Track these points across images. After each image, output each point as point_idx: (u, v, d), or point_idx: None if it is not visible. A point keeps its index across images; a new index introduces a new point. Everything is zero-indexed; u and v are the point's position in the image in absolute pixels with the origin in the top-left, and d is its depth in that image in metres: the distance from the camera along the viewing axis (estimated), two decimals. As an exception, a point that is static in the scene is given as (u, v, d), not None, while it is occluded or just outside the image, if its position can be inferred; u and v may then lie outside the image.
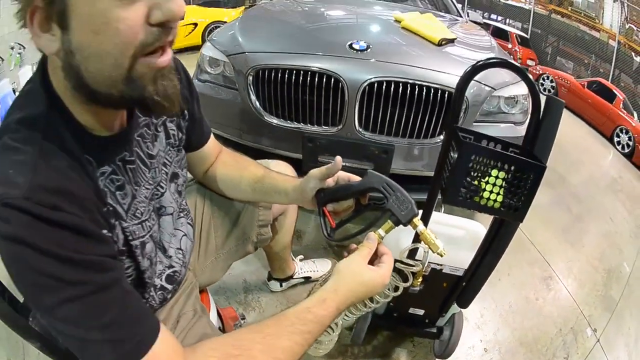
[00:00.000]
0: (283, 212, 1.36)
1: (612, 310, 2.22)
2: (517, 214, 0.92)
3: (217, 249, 1.20)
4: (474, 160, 0.87)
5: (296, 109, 1.95)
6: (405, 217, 0.80)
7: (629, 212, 3.61)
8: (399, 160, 1.99)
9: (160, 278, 0.86)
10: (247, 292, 1.87)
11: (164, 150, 0.85)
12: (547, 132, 0.94)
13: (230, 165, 1.10)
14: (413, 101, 1.87)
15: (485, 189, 0.89)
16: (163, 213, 0.86)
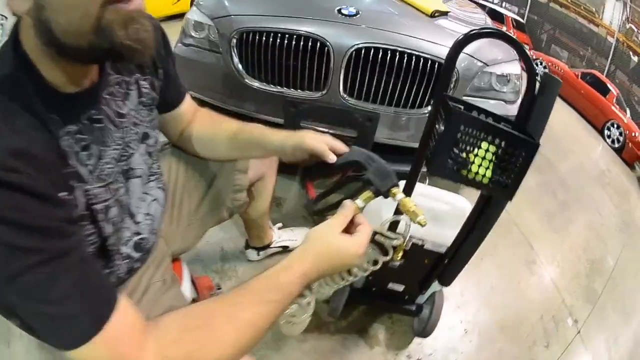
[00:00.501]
0: (260, 177, 1.31)
1: (594, 303, 2.24)
2: (506, 191, 0.88)
3: (190, 215, 1.16)
4: (463, 131, 0.82)
5: (279, 73, 1.90)
6: (383, 186, 0.78)
7: (616, 206, 3.64)
8: (383, 129, 1.95)
9: (127, 245, 0.82)
10: (224, 260, 1.82)
11: (135, 109, 0.80)
12: (542, 109, 0.89)
13: (205, 123, 1.06)
14: (401, 70, 1.83)
15: (473, 162, 0.84)
16: (131, 175, 0.82)
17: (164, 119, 0.99)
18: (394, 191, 0.79)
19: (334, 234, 0.71)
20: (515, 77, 2.05)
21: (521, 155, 0.83)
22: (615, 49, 9.93)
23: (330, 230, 0.71)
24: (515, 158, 0.83)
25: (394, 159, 2.06)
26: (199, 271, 1.75)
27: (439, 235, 1.18)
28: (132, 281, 0.89)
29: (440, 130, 0.84)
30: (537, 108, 0.89)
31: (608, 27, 10.39)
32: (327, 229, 0.71)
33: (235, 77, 1.95)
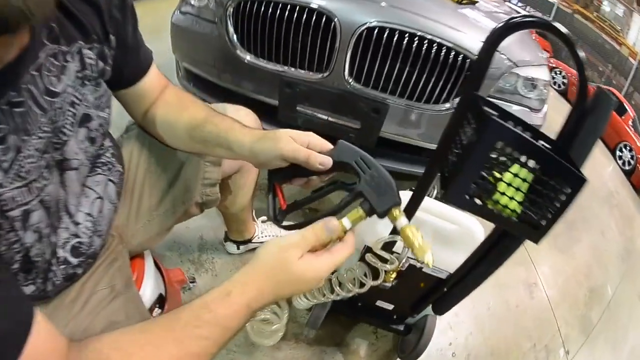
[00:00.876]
0: (238, 169, 1.15)
1: (588, 334, 2.16)
2: (537, 233, 0.69)
3: (151, 210, 1.01)
4: (499, 149, 0.62)
5: (277, 48, 1.69)
6: (382, 204, 0.61)
7: (621, 232, 3.54)
8: (391, 124, 1.75)
9: (64, 248, 0.71)
10: (202, 250, 1.70)
11: (73, 86, 0.65)
12: (591, 130, 0.71)
13: (171, 104, 0.88)
14: (418, 58, 1.61)
15: (503, 192, 0.65)
16: (66, 167, 0.68)
17: (124, 96, 0.84)
18: (395, 213, 0.61)
19: (293, 257, 0.56)
20: (542, 84, 1.86)
21: (563, 190, 0.64)
22: (637, 71, 9.76)
23: (290, 251, 0.57)
24: (555, 192, 0.64)
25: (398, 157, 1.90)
26: (173, 260, 1.63)
27: (441, 259, 1.03)
28: (74, 289, 0.77)
29: (468, 139, 0.66)
30: (587, 127, 0.71)
31: (631, 48, 10.24)
32: (287, 249, 0.57)
33: (230, 50, 1.76)
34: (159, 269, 1.25)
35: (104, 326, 0.73)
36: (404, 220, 0.60)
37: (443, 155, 0.76)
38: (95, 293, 0.78)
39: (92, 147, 0.73)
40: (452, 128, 0.73)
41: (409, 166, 1.84)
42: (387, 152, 1.78)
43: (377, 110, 1.66)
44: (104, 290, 0.79)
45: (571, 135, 0.72)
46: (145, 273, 1.04)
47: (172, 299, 1.26)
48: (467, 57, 1.59)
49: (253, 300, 0.55)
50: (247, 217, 1.49)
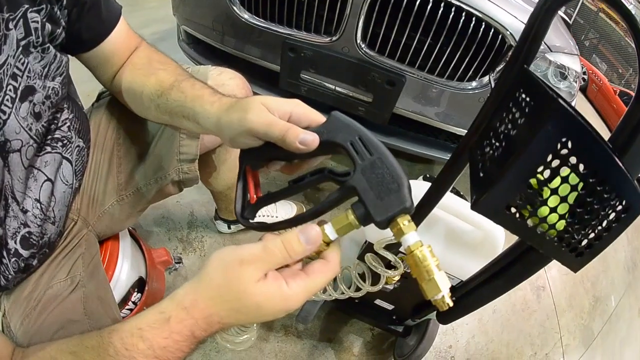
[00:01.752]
0: (221, 142, 1.01)
1: (588, 346, 2.10)
2: (578, 260, 0.55)
3: (119, 189, 0.90)
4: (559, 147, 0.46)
5: (281, 6, 1.51)
6: (383, 210, 0.44)
7: (629, 241, 3.45)
8: (406, 99, 1.57)
9: (14, 239, 0.64)
10: (191, 227, 1.61)
11: (14, 56, 0.57)
12: None
13: (138, 68, 0.76)
14: (443, 27, 1.40)
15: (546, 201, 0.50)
16: (9, 149, 0.60)
17: (88, 61, 0.75)
18: (402, 224, 0.43)
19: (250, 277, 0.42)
20: (573, 75, 1.69)
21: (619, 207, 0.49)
22: None
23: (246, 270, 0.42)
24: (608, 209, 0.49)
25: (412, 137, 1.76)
26: (161, 238, 1.53)
27: (453, 264, 0.91)
28: (31, 282, 0.72)
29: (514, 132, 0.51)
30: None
31: None
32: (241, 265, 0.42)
33: (229, 10, 1.59)
34: (141, 249, 1.15)
35: (58, 326, 0.66)
36: (412, 236, 0.43)
37: (477, 144, 0.61)
38: (51, 287, 0.71)
39: (38, 123, 0.63)
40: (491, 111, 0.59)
41: (423, 148, 1.71)
42: (399, 131, 1.64)
43: (393, 82, 1.48)
44: (61, 283, 0.72)
45: (629, 139, 0.53)
46: (120, 255, 0.94)
47: (154, 282, 1.17)
48: (499, 31, 1.41)
49: (198, 329, 0.43)
50: None
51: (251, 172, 0.57)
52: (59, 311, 0.68)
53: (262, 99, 0.54)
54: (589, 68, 8.03)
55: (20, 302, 0.68)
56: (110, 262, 0.92)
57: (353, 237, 1.05)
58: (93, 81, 0.81)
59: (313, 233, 0.44)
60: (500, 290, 0.82)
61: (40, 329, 0.65)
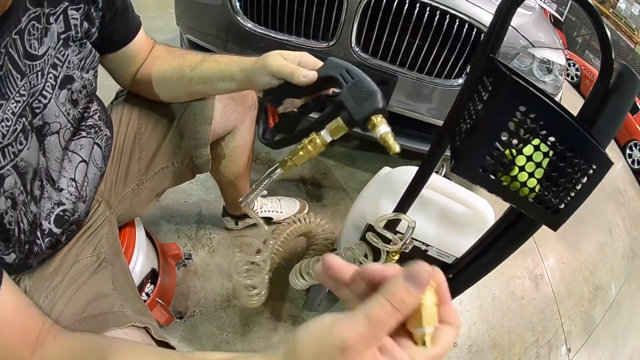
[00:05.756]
0: (231, 129, 1.11)
1: (590, 333, 2.13)
2: (555, 218, 0.63)
3: (140, 174, 0.98)
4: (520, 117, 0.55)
5: (281, 16, 1.62)
6: (360, 111, 0.59)
7: (627, 231, 3.50)
8: (400, 97, 1.69)
9: (49, 220, 0.70)
10: (199, 225, 1.67)
11: (55, 48, 0.65)
12: (616, 109, 0.63)
13: (162, 57, 0.89)
14: (430, 29, 1.53)
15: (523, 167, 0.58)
16: (47, 132, 0.67)
17: (112, 60, 0.84)
18: (375, 120, 0.58)
19: None
20: (558, 69, 1.79)
21: (589, 170, 0.57)
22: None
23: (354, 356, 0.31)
24: (578, 172, 0.58)
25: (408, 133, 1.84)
26: (170, 235, 1.60)
27: (448, 242, 0.97)
28: (56, 259, 0.76)
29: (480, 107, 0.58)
30: (611, 106, 0.63)
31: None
32: (352, 357, 0.30)
33: (233, 19, 1.69)
34: (153, 243, 1.21)
35: (89, 299, 0.70)
36: (384, 127, 0.57)
37: (455, 124, 0.69)
38: (78, 262, 0.76)
39: (75, 109, 0.71)
40: (465, 94, 0.67)
41: (418, 144, 1.79)
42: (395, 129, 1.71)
43: (385, 82, 1.60)
44: (88, 258, 0.77)
45: (594, 113, 0.64)
46: (136, 245, 1.00)
47: (166, 275, 1.22)
48: (481, 31, 1.52)
49: None
50: (243, 187, 1.42)
51: (270, 108, 0.73)
52: (89, 285, 0.73)
53: (278, 51, 0.71)
54: (581, 64, 8.06)
55: (44, 278, 0.73)
56: (127, 251, 0.98)
57: (355, 223, 1.11)
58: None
59: (422, 273, 0.32)
60: (493, 262, 0.88)
61: (69, 302, 0.69)
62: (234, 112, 1.06)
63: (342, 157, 2.25)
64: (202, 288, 1.44)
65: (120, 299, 0.73)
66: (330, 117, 0.62)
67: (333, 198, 1.99)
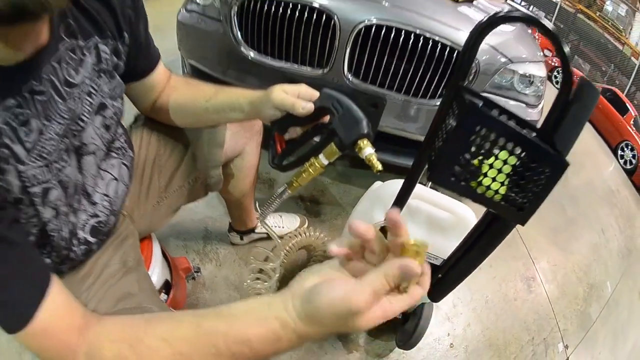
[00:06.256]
0: (240, 152, 1.21)
1: (587, 330, 2.18)
2: (521, 214, 0.74)
3: (160, 192, 1.08)
4: (479, 133, 0.67)
5: (279, 45, 1.76)
6: (348, 137, 0.70)
7: (621, 230, 3.56)
8: (390, 118, 1.82)
9: (84, 230, 0.78)
10: (206, 240, 1.75)
11: (90, 77, 0.72)
12: (575, 119, 0.73)
13: (181, 88, 0.98)
14: (415, 54, 1.67)
15: (486, 174, 0.69)
16: (84, 152, 0.74)
17: (134, 89, 0.91)
18: (361, 144, 0.69)
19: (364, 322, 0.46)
20: (539, 80, 1.91)
21: (546, 173, 0.68)
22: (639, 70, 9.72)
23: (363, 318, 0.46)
24: (538, 176, 0.69)
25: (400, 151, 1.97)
26: (179, 250, 1.68)
27: (435, 245, 1.07)
28: (88, 263, 0.84)
29: (452, 126, 0.70)
30: (570, 117, 0.72)
31: (634, 48, 10.21)
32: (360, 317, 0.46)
33: (234, 48, 1.82)
34: (165, 257, 1.30)
35: (118, 298, 0.79)
36: (369, 150, 0.69)
37: (431, 142, 0.80)
38: (108, 267, 0.84)
39: (108, 133, 0.79)
40: (439, 116, 0.78)
41: (404, 159, 1.89)
42: (387, 147, 1.83)
43: (376, 105, 1.71)
44: (117, 265, 0.85)
45: (556, 123, 0.75)
46: (153, 256, 1.09)
47: (178, 287, 1.30)
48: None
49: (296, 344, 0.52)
50: (249, 205, 1.53)
51: (277, 136, 0.83)
52: (118, 287, 0.82)
53: (280, 86, 0.80)
54: None
55: (75, 282, 0.81)
56: (146, 260, 1.07)
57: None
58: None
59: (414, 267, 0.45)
60: (476, 260, 0.97)
61: (100, 301, 0.77)
62: (242, 137, 1.17)
63: (337, 175, 2.33)
64: (211, 299, 1.52)
65: (146, 297, 0.82)
66: (325, 143, 0.73)
67: (330, 213, 2.08)
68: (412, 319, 1.38)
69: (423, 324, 1.32)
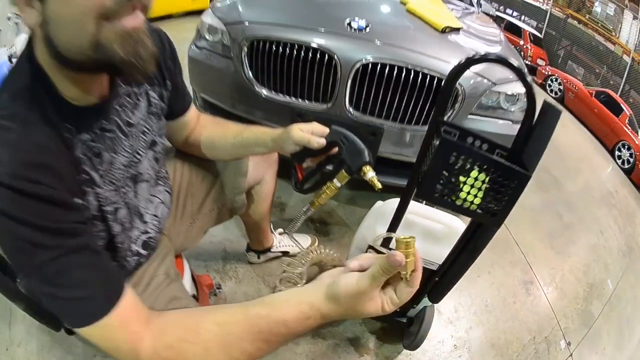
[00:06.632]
0: (260, 180, 1.37)
1: (590, 326, 2.23)
2: (495, 219, 0.89)
3: (193, 214, 1.23)
4: (454, 159, 0.84)
5: (287, 82, 1.93)
6: (354, 165, 0.88)
7: (621, 229, 3.59)
8: (388, 145, 1.97)
9: (136, 243, 0.90)
10: (225, 260, 1.89)
11: (143, 119, 0.87)
12: (539, 139, 0.89)
13: (210, 126, 1.13)
14: (407, 86, 1.83)
15: (462, 189, 0.86)
16: (139, 180, 0.88)
17: (170, 127, 1.04)
18: (365, 169, 0.87)
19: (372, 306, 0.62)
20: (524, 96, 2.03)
21: (512, 185, 0.84)
22: (631, 68, 9.66)
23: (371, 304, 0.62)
24: (505, 187, 0.84)
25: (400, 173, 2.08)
26: (200, 269, 1.80)
27: (431, 252, 1.22)
28: (137, 274, 0.96)
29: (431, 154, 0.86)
30: (535, 137, 0.89)
31: (624, 46, 10.11)
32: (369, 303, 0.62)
33: (246, 85, 1.98)
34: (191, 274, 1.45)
35: (168, 299, 0.91)
36: (371, 173, 0.87)
37: (419, 165, 0.96)
38: (155, 277, 0.97)
39: (157, 165, 0.95)
40: (425, 145, 0.94)
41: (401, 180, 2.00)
42: (387, 170, 1.96)
43: (374, 133, 1.83)
44: (161, 276, 0.99)
45: (523, 144, 0.91)
46: (184, 272, 1.23)
47: (202, 302, 1.44)
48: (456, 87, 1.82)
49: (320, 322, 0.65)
50: (266, 227, 1.69)
51: (297, 166, 0.99)
52: (167, 292, 0.93)
53: (297, 125, 0.94)
54: (563, 77, 8.19)
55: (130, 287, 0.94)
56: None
57: (358, 246, 1.37)
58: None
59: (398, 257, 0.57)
60: (466, 262, 1.13)
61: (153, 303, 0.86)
62: (262, 167, 1.34)
63: (343, 198, 2.45)
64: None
65: (190, 302, 0.96)
66: (337, 170, 0.90)
67: (338, 232, 2.20)
68: (416, 322, 1.50)
69: (425, 325, 1.44)
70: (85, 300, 0.62)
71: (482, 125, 1.97)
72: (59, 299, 0.61)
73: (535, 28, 11.63)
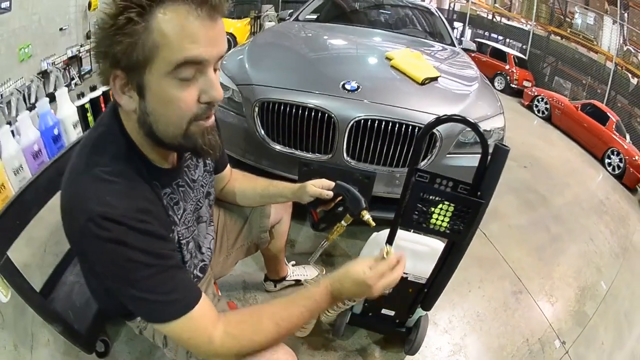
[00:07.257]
0: (279, 221, 1.62)
1: (584, 325, 2.34)
2: (460, 235, 1.16)
3: (229, 248, 1.50)
4: (425, 195, 1.12)
5: (294, 137, 2.22)
6: (355, 210, 1.18)
7: (612, 232, 3.72)
8: (380, 185, 2.23)
9: (197, 268, 1.11)
10: (245, 290, 2.09)
11: (202, 176, 1.10)
12: (492, 175, 1.12)
13: (241, 180, 1.39)
14: (394, 136, 2.12)
15: (433, 217, 1.13)
16: (200, 221, 1.13)
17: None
18: (363, 213, 1.18)
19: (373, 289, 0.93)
20: (498, 130, 2.30)
21: (469, 210, 1.10)
22: (614, 74, 9.76)
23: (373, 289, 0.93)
24: (465, 212, 1.11)
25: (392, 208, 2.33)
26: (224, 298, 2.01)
27: (419, 269, 1.46)
28: None
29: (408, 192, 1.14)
30: (489, 174, 1.12)
31: (606, 53, 10.21)
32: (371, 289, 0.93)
33: (259, 140, 2.26)
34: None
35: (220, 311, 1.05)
36: (367, 215, 1.18)
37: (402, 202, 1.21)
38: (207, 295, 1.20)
39: (210, 210, 1.21)
40: (405, 186, 1.18)
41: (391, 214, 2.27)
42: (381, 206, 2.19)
43: (368, 177, 2.15)
44: (210, 296, 1.23)
45: (479, 179, 1.15)
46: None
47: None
48: (434, 133, 2.13)
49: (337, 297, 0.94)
50: (282, 259, 1.95)
51: (313, 211, 1.26)
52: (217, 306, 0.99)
53: (311, 182, 1.23)
54: (548, 96, 8.27)
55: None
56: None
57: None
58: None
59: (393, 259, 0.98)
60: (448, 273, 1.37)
61: None
62: (281, 210, 1.58)
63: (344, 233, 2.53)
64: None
65: None
66: (343, 214, 1.19)
67: (341, 263, 2.19)
68: (413, 330, 1.70)
69: (421, 332, 1.65)
70: (176, 302, 0.80)
71: (460, 162, 2.23)
72: (154, 303, 0.79)
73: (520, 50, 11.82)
